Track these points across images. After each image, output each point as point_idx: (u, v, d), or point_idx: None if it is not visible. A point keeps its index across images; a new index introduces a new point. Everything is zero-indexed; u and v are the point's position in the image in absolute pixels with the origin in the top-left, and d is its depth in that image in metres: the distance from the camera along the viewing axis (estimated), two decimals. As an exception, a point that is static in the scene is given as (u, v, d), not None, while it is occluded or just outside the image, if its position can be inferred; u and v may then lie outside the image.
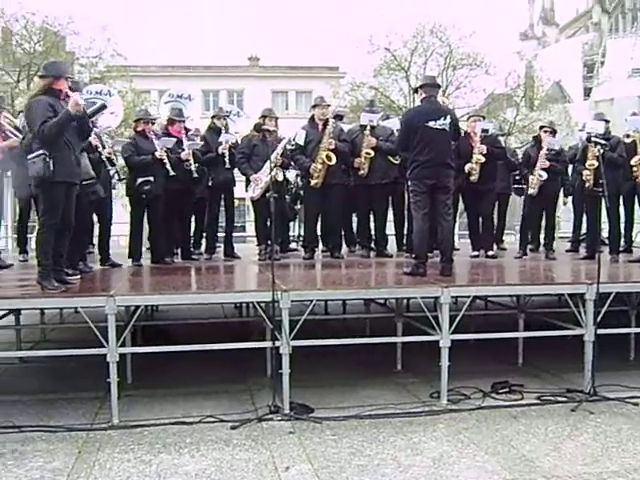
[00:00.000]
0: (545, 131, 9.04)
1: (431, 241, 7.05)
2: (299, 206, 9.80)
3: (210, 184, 8.83)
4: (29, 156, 5.54)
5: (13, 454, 4.74)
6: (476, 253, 9.08)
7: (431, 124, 6.55)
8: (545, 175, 8.67)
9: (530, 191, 8.86)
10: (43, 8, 26.10)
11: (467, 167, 8.54)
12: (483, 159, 8.57)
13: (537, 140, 9.16)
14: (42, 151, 5.44)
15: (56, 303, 6.17)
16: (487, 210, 9.19)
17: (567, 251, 10.25)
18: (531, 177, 8.81)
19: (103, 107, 6.16)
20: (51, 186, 5.56)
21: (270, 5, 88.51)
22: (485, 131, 8.77)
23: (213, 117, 9.13)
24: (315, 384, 6.31)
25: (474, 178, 8.59)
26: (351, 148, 8.62)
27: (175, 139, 8.26)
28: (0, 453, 4.76)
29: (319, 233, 9.26)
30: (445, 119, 6.64)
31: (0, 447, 4.87)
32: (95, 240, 8.74)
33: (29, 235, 9.80)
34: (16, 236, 10.14)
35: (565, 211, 11.97)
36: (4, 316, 7.25)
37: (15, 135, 7.55)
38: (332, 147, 8.25)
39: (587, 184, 8.29)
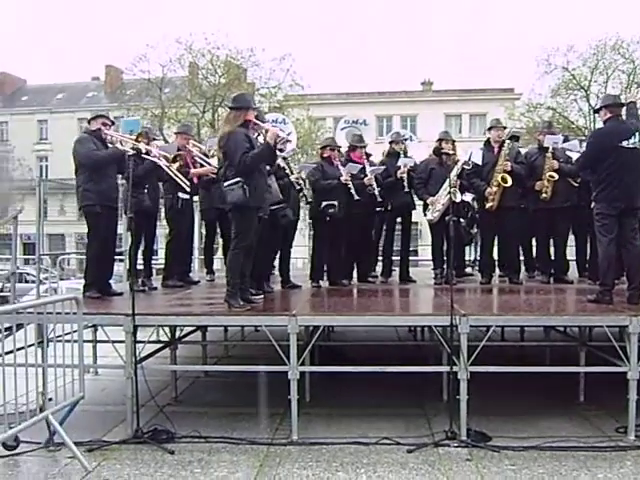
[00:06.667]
0: None
1: (618, 267, 6.69)
2: (475, 230, 9.66)
3: (389, 208, 8.93)
4: (226, 183, 5.90)
5: (200, 463, 5.05)
6: None
7: (624, 144, 6.28)
8: None
9: None
10: (227, 42, 27.84)
11: None
12: None
13: None
14: (239, 179, 5.80)
15: (242, 321, 6.51)
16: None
17: None
18: None
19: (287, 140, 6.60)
20: (246, 211, 5.93)
21: (443, 29, 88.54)
22: None
23: (391, 142, 9.21)
24: (493, 411, 6.16)
25: None
26: (527, 171, 8.40)
27: (360, 165, 8.46)
28: (188, 461, 5.08)
29: (496, 257, 9.08)
30: (635, 137, 6.32)
31: (188, 455, 5.20)
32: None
33: (214, 256, 10.38)
34: (203, 257, 10.80)
35: None
36: (192, 332, 7.75)
37: (205, 161, 8.10)
38: (508, 169, 8.11)
39: None
